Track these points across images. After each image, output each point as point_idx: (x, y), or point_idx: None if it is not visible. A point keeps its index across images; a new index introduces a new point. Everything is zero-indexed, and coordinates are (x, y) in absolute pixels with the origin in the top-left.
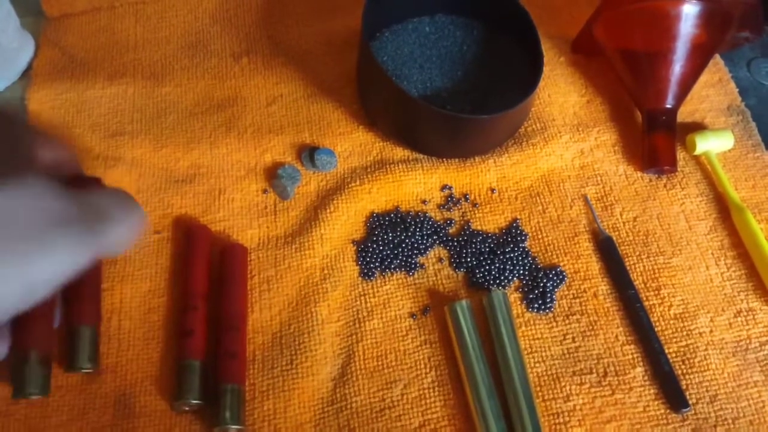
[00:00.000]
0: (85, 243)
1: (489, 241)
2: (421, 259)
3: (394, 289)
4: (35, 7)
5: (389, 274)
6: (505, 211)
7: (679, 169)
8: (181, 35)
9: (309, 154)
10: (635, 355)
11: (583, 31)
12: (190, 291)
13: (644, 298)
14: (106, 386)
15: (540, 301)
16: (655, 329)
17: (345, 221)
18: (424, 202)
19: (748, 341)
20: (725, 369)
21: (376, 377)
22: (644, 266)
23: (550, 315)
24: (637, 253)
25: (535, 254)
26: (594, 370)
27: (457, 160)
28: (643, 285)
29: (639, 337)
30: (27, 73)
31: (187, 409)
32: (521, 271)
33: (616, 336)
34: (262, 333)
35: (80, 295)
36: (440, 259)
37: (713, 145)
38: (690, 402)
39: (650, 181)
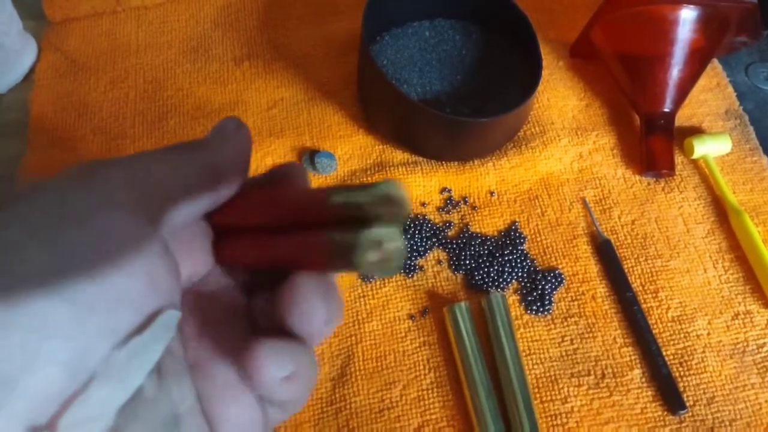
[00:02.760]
0: None
1: (488, 243)
2: (420, 261)
3: (393, 290)
4: (37, 11)
5: (388, 276)
6: (504, 213)
7: (677, 173)
8: (183, 40)
9: (309, 157)
10: (633, 357)
11: (581, 35)
12: None
13: (642, 301)
14: None
15: (538, 304)
16: (653, 331)
17: None
18: (423, 204)
19: (745, 344)
20: (723, 371)
21: (375, 378)
22: (642, 269)
23: (549, 317)
24: (635, 256)
25: (534, 257)
26: (592, 372)
27: (456, 163)
28: (641, 287)
29: (637, 339)
30: (29, 77)
31: None
32: (520, 274)
33: (614, 338)
34: None
35: None
36: (439, 262)
37: (711, 149)
38: (687, 404)
39: (648, 184)
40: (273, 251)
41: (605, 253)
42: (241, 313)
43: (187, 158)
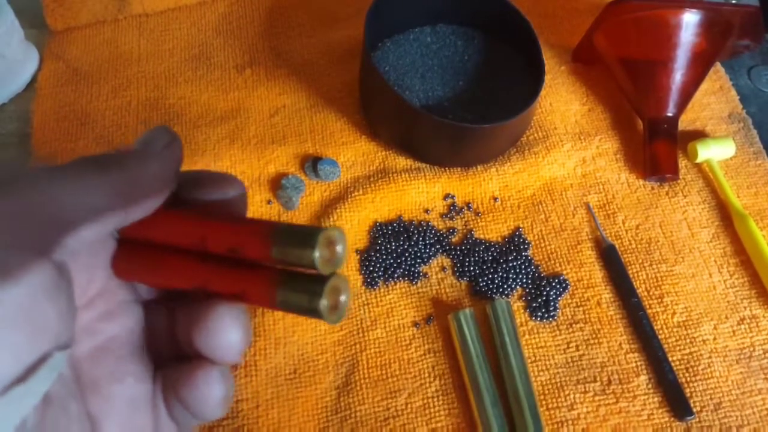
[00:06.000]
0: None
1: (492, 249)
2: (424, 268)
3: (397, 298)
4: (39, 20)
5: (392, 284)
6: (508, 219)
7: (681, 177)
8: (185, 48)
9: (312, 164)
10: (639, 363)
11: (583, 40)
12: None
13: (647, 306)
14: None
15: (543, 310)
16: (659, 337)
17: (348, 231)
18: (426, 211)
19: (751, 348)
20: (729, 376)
21: (380, 386)
22: (647, 274)
23: (554, 323)
24: (640, 261)
25: (538, 263)
26: (598, 379)
27: (459, 169)
28: (646, 293)
29: (642, 345)
30: (31, 86)
31: None
32: (524, 280)
33: (620, 344)
34: (264, 337)
35: None
36: (443, 268)
37: (715, 152)
38: (694, 410)
39: (652, 189)
40: (201, 278)
41: (610, 258)
42: (143, 330)
43: (96, 180)
